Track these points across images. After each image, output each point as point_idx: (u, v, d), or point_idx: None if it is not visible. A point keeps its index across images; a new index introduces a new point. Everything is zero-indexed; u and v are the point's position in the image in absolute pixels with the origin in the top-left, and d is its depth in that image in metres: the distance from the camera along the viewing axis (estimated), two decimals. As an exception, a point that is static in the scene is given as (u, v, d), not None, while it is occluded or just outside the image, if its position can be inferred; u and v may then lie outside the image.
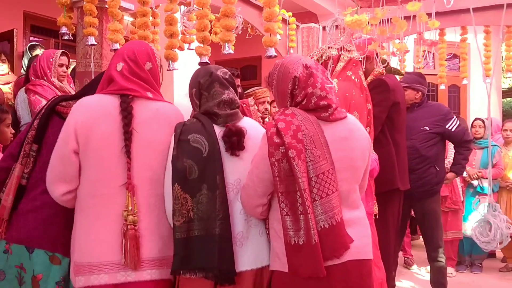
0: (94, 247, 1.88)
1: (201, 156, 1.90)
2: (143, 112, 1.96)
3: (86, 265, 1.87)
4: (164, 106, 2.03)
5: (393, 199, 3.30)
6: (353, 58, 3.05)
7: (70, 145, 1.90)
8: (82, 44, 2.99)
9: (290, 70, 1.96)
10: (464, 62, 5.09)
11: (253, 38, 4.78)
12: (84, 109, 1.96)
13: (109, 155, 1.90)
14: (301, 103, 1.93)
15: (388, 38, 3.36)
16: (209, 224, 1.87)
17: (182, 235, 1.87)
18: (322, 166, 1.83)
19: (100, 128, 1.91)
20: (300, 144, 1.81)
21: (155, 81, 2.06)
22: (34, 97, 3.72)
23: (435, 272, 3.95)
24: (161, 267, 1.93)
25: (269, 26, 2.90)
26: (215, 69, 2.08)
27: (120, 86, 1.97)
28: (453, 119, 4.05)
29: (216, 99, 2.02)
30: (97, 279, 1.86)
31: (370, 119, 3.06)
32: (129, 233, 1.86)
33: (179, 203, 1.87)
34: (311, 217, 1.76)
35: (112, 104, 1.95)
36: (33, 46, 4.62)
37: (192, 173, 1.89)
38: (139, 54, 2.02)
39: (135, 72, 2.00)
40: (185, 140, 1.92)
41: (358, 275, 1.88)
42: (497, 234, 2.42)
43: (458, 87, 8.03)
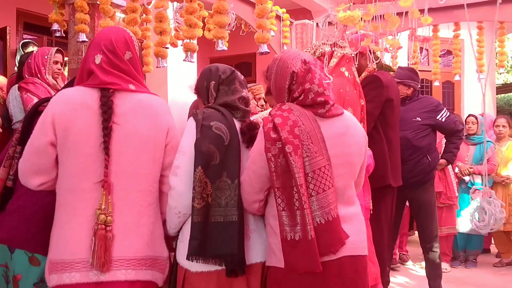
0: (67, 244, 1.82)
1: (222, 143, 1.93)
2: (124, 105, 1.89)
3: (59, 262, 1.81)
4: (146, 97, 1.95)
5: (385, 195, 3.32)
6: (346, 54, 3.06)
7: (48, 136, 1.84)
8: (74, 41, 2.97)
9: (288, 65, 1.96)
10: (457, 58, 5.10)
11: (247, 34, 4.77)
12: (63, 100, 1.89)
13: (87, 150, 1.83)
14: (298, 98, 1.94)
15: (381, 34, 3.36)
16: (228, 211, 1.89)
17: (199, 219, 1.87)
18: (318, 161, 1.84)
19: (79, 121, 1.84)
20: (296, 140, 1.82)
21: (136, 70, 1.97)
22: (26, 95, 3.69)
23: (430, 263, 3.99)
24: (139, 268, 1.85)
25: (261, 23, 2.90)
26: (232, 68, 2.15)
27: (100, 80, 1.89)
28: (443, 110, 4.12)
29: (236, 94, 2.07)
30: (69, 278, 1.79)
31: (363, 115, 3.07)
32: (98, 233, 1.78)
33: (201, 187, 1.88)
34: (307, 213, 1.77)
35: (91, 97, 1.87)
36: (26, 44, 4.60)
37: (213, 158, 1.91)
38: (117, 44, 1.94)
39: (114, 64, 1.92)
40: (208, 126, 1.94)
41: (353, 270, 1.90)
42: (491, 219, 2.52)
43: (452, 83, 8.04)
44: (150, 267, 1.88)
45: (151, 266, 1.88)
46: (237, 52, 6.46)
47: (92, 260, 1.77)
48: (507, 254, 5.48)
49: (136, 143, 1.88)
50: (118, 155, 1.86)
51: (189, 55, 3.00)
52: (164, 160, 1.96)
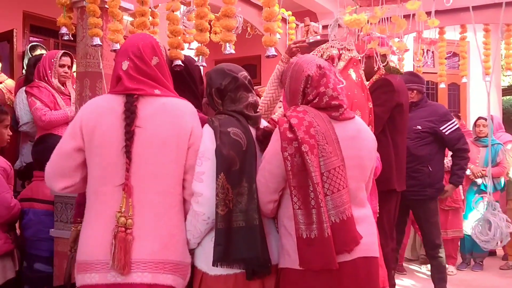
0: (89, 245, 1.86)
1: (241, 149, 1.94)
2: (147, 109, 1.92)
3: (83, 263, 1.86)
4: (171, 100, 1.97)
5: (389, 199, 3.31)
6: (354, 57, 3.05)
7: (76, 141, 1.91)
8: (82, 44, 2.98)
9: (304, 68, 2.00)
10: (463, 60, 5.08)
11: (252, 37, 4.78)
12: (91, 107, 1.98)
13: (110, 153, 1.87)
14: (313, 101, 1.98)
15: (388, 37, 3.36)
16: (249, 215, 1.90)
17: (223, 225, 1.88)
18: (333, 162, 1.87)
19: (104, 126, 1.90)
20: (312, 140, 1.84)
21: (163, 75, 2.00)
22: (31, 98, 3.78)
23: (435, 267, 4.00)
24: (156, 271, 1.83)
25: (269, 26, 2.90)
26: (235, 72, 2.09)
27: (125, 87, 1.94)
28: (450, 122, 4.00)
29: (242, 102, 2.06)
30: (89, 278, 1.83)
31: (371, 118, 3.07)
32: (119, 236, 1.81)
33: (224, 193, 1.88)
34: (323, 211, 1.79)
35: (117, 103, 1.92)
36: (34, 47, 4.63)
37: (234, 164, 1.91)
38: (144, 49, 1.97)
39: (141, 69, 1.95)
40: (226, 132, 1.95)
41: (366, 272, 1.92)
42: (496, 233, 2.43)
43: (458, 86, 8.02)
44: (171, 272, 1.86)
45: (171, 271, 1.86)
46: (242, 55, 6.46)
47: (112, 263, 1.79)
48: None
49: (158, 145, 1.90)
50: (139, 157, 1.88)
51: (201, 59, 3.00)
52: (186, 162, 1.95)
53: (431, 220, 3.98)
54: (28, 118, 3.88)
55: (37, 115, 3.72)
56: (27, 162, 3.83)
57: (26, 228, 2.93)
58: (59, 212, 2.72)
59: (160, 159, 1.89)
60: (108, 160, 1.88)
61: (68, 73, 3.94)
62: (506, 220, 2.46)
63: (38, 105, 3.73)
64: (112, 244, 1.81)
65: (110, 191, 1.87)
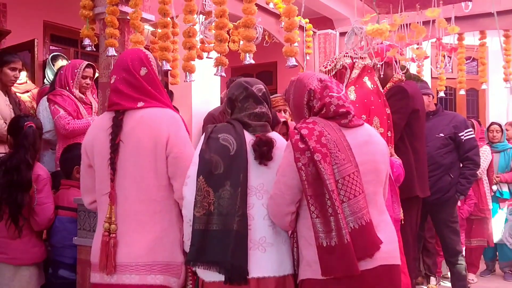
0: (93, 248, 2.12)
1: (228, 153, 1.98)
2: (129, 123, 2.07)
3: (92, 263, 2.13)
4: (149, 111, 2.10)
5: (411, 206, 3.29)
6: (368, 65, 3.07)
7: (85, 160, 2.19)
8: (105, 55, 3.03)
9: (305, 83, 2.06)
10: (483, 66, 5.04)
11: (269, 44, 4.79)
12: (91, 128, 2.25)
13: (102, 167, 2.09)
14: (320, 112, 2.01)
15: (407, 44, 3.35)
16: (228, 219, 1.92)
17: (200, 227, 1.93)
18: (347, 168, 1.89)
19: (98, 143, 2.11)
20: (324, 148, 1.87)
21: (152, 85, 2.13)
22: (54, 107, 3.79)
23: (456, 276, 3.97)
24: (144, 273, 2.00)
25: (289, 36, 2.92)
26: (251, 85, 2.14)
27: (110, 101, 2.15)
28: (468, 129, 4.03)
29: (247, 111, 2.10)
30: (94, 277, 2.10)
31: (390, 123, 3.07)
32: (102, 240, 2.03)
33: (201, 195, 1.94)
34: (341, 217, 1.81)
35: (108, 119, 2.12)
36: (56, 57, 4.68)
37: (217, 168, 1.96)
38: (132, 62, 2.12)
39: (127, 80, 2.10)
40: (215, 138, 2.01)
41: (389, 280, 1.92)
42: None
43: (476, 91, 7.94)
44: (160, 272, 2.02)
45: (161, 271, 2.02)
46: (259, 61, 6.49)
47: (100, 265, 2.03)
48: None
49: (138, 157, 2.05)
50: (124, 169, 2.06)
51: (220, 69, 3.03)
52: (168, 170, 2.07)
53: (452, 225, 3.95)
54: (50, 126, 3.91)
55: (61, 124, 3.73)
56: (48, 170, 3.88)
57: (52, 235, 2.98)
58: (82, 220, 2.76)
59: (140, 170, 2.05)
60: (101, 173, 2.11)
61: (90, 84, 3.98)
62: None
63: (62, 114, 3.74)
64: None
65: (103, 200, 2.09)
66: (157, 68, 2.19)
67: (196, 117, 4.66)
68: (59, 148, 3.82)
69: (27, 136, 2.79)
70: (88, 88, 3.99)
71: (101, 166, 2.10)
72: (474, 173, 4.07)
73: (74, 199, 2.84)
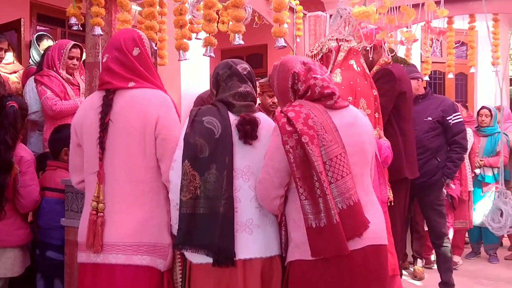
0: (80, 227, 2.12)
1: (213, 137, 1.97)
2: (119, 102, 2.06)
3: (79, 243, 2.12)
4: (139, 91, 2.09)
5: (400, 188, 3.33)
6: (353, 47, 3.07)
7: (73, 139, 2.17)
8: (91, 34, 2.98)
9: (288, 67, 2.07)
10: (472, 50, 5.05)
11: (259, 26, 4.75)
12: (80, 107, 2.24)
13: (90, 146, 2.08)
14: (306, 94, 2.02)
15: (396, 27, 3.34)
16: (215, 203, 1.93)
17: (187, 211, 1.94)
18: (334, 150, 1.90)
19: (87, 122, 2.10)
20: (311, 130, 1.88)
21: (144, 66, 2.11)
22: (41, 87, 3.77)
23: (441, 257, 4.03)
24: (130, 253, 2.00)
25: (278, 17, 2.90)
26: (235, 64, 2.14)
27: (101, 80, 2.13)
28: (457, 113, 4.06)
29: (232, 90, 2.09)
30: (80, 257, 2.10)
31: (377, 105, 3.09)
32: (90, 218, 2.03)
33: (187, 179, 1.94)
34: (329, 198, 1.83)
35: (98, 98, 2.10)
36: (41, 37, 4.62)
37: (203, 151, 1.96)
38: (125, 41, 2.10)
39: (119, 60, 2.08)
40: (199, 121, 2.00)
41: (376, 260, 1.95)
42: (507, 220, 2.50)
43: (465, 75, 7.97)
44: (147, 253, 2.02)
45: (148, 252, 2.02)
46: (249, 44, 6.44)
47: (86, 243, 2.02)
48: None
49: (127, 137, 2.04)
50: (112, 148, 2.05)
51: (209, 49, 3.00)
52: (156, 151, 2.06)
53: (438, 208, 4.00)
54: (37, 107, 3.88)
55: (48, 105, 3.71)
56: (34, 151, 3.84)
57: (39, 216, 2.97)
58: (69, 201, 2.75)
59: (129, 150, 2.04)
60: (89, 152, 2.10)
61: (77, 65, 3.93)
62: None
63: (49, 95, 3.72)
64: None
65: (91, 179, 2.09)
66: (150, 50, 2.18)
67: (185, 99, 4.63)
68: (46, 129, 3.80)
69: (7, 116, 2.74)
70: (75, 69, 3.95)
71: (89, 145, 2.09)
72: (461, 157, 4.11)
73: (62, 180, 2.82)
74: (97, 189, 2.04)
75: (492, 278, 4.73)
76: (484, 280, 4.70)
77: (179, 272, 2.15)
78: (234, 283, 1.94)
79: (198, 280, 2.00)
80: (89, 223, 2.02)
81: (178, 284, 2.13)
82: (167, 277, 2.11)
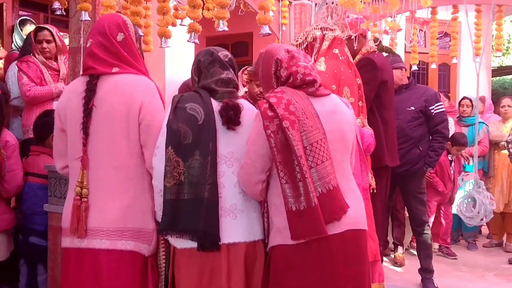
0: (64, 212, 2.11)
1: (196, 123, 1.98)
2: (103, 88, 2.05)
3: (63, 228, 2.12)
4: (123, 77, 2.09)
5: (381, 175, 3.37)
6: (337, 36, 3.09)
7: (57, 125, 2.15)
8: (75, 20, 2.95)
9: (272, 54, 2.10)
10: (454, 41, 5.11)
11: (245, 14, 4.74)
12: (64, 92, 2.22)
13: (74, 131, 2.07)
14: (288, 81, 2.06)
15: (381, 16, 3.38)
16: (199, 188, 1.95)
17: (172, 197, 1.95)
18: (314, 135, 1.94)
19: (71, 107, 2.09)
20: (292, 116, 1.91)
21: (128, 52, 2.11)
22: (19, 73, 3.77)
23: (421, 244, 4.11)
24: (114, 238, 2.02)
25: (263, 4, 2.90)
26: (216, 51, 2.15)
27: (85, 65, 2.11)
28: (439, 103, 4.10)
29: (214, 77, 2.10)
30: (64, 242, 2.10)
31: (361, 93, 3.12)
32: (74, 204, 2.03)
33: (171, 165, 1.95)
34: (309, 181, 1.86)
35: (82, 84, 2.09)
36: (24, 21, 4.55)
37: (186, 138, 1.96)
38: (110, 26, 2.09)
39: (103, 45, 2.08)
40: (182, 108, 2.01)
41: (355, 244, 1.99)
42: (481, 209, 2.53)
43: (448, 66, 8.05)
44: (131, 238, 2.03)
45: (132, 237, 2.04)
46: (234, 32, 6.43)
47: (71, 228, 2.03)
48: (498, 235, 5.58)
49: (111, 123, 2.04)
50: (96, 134, 2.04)
51: (193, 35, 3.00)
52: (140, 137, 2.07)
53: (419, 196, 4.07)
54: (19, 92, 3.86)
55: (22, 90, 3.73)
56: (17, 136, 3.82)
57: (22, 201, 2.96)
58: (53, 187, 2.74)
59: (113, 135, 2.04)
60: (73, 137, 2.09)
61: (47, 47, 3.86)
62: (490, 198, 2.55)
63: (24, 80, 3.73)
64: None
65: (75, 164, 2.08)
66: (135, 35, 2.17)
67: (169, 86, 4.63)
68: (24, 115, 3.82)
69: None
70: (48, 52, 3.88)
71: (73, 130, 2.08)
72: (442, 146, 4.17)
73: (45, 166, 2.82)
74: (81, 174, 2.04)
75: (470, 265, 4.84)
76: (463, 266, 4.81)
77: (162, 257, 2.16)
78: (218, 267, 1.97)
79: (182, 264, 2.02)
80: (73, 208, 2.03)
81: (162, 269, 2.15)
82: (151, 262, 2.12)
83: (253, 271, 2.04)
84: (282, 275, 1.96)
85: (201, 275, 1.98)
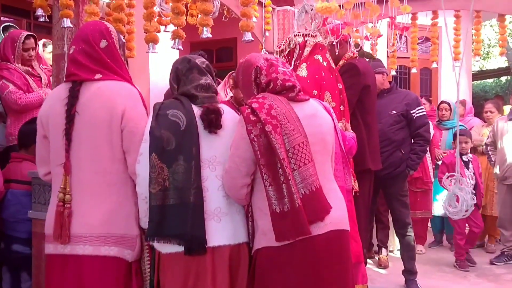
0: (47, 219, 2.11)
1: (178, 129, 2.01)
2: (85, 94, 2.07)
3: (46, 235, 2.12)
4: (106, 84, 2.11)
5: (363, 178, 3.43)
6: (319, 42, 3.15)
7: (40, 131, 2.16)
8: (59, 26, 2.95)
9: (252, 62, 2.18)
10: (434, 46, 5.21)
11: (229, 20, 4.78)
12: (47, 99, 2.23)
13: (57, 137, 2.08)
14: (268, 88, 2.12)
15: (362, 22, 3.44)
16: (184, 193, 1.97)
17: (157, 203, 1.96)
18: (296, 138, 1.99)
19: (53, 114, 2.10)
20: (274, 120, 1.97)
21: (111, 58, 2.13)
22: (1, 81, 3.63)
23: (405, 246, 4.16)
24: (97, 244, 2.02)
25: (245, 11, 2.94)
26: (193, 58, 2.19)
27: (68, 72, 2.13)
28: (420, 107, 4.17)
29: (193, 83, 2.14)
30: (47, 248, 2.10)
31: (343, 98, 3.17)
32: (57, 210, 2.04)
33: (156, 172, 1.97)
34: (292, 183, 1.92)
35: (65, 90, 2.10)
36: (7, 27, 4.48)
37: (169, 144, 1.99)
38: (92, 33, 2.12)
39: (85, 52, 2.10)
40: (164, 115, 2.03)
41: (338, 244, 2.04)
42: (463, 205, 2.66)
43: (429, 70, 8.18)
44: (115, 244, 2.04)
45: (115, 243, 2.04)
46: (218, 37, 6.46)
47: (54, 234, 2.03)
48: (480, 237, 5.66)
49: (93, 129, 2.06)
50: (79, 140, 2.06)
51: (177, 42, 3.02)
52: (123, 144, 2.08)
53: (402, 198, 4.13)
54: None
55: (12, 99, 3.61)
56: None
57: (3, 208, 2.94)
58: (36, 193, 2.74)
59: (95, 142, 2.05)
60: (56, 144, 2.09)
61: (33, 55, 3.81)
62: (471, 193, 2.69)
63: (12, 88, 3.61)
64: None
65: (58, 171, 2.09)
66: (118, 42, 2.19)
67: (153, 92, 4.64)
68: (10, 124, 3.71)
69: None
70: (32, 60, 3.82)
71: (56, 136, 2.09)
72: (424, 149, 4.23)
73: (29, 173, 2.81)
74: (64, 180, 2.04)
75: (453, 266, 4.91)
76: (446, 267, 4.88)
77: (147, 263, 2.17)
78: (203, 271, 1.99)
79: (167, 269, 2.03)
80: (56, 214, 2.03)
81: (147, 275, 2.16)
82: (135, 268, 2.13)
83: (238, 273, 2.07)
84: (267, 277, 1.99)
85: (186, 279, 1.99)
